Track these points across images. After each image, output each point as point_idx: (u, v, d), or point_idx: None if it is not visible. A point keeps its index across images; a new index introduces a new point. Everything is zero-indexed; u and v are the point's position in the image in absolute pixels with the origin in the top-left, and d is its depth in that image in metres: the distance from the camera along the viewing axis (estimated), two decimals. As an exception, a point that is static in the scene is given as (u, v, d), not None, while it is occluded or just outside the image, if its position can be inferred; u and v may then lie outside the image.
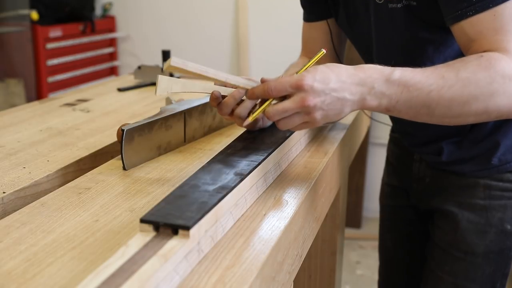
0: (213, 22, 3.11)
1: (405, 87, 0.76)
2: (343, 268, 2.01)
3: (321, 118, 0.75)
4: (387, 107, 0.77)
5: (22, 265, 0.61)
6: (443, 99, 0.77)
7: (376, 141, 2.92)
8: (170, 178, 0.87)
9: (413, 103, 0.77)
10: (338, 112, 0.76)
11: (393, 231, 1.31)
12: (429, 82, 0.77)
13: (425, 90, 0.76)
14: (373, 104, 0.77)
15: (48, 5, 2.86)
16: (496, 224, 1.05)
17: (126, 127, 0.89)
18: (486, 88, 0.77)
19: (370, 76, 0.76)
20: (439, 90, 0.76)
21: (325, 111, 0.75)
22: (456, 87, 0.77)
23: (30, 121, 1.17)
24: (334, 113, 0.76)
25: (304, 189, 0.83)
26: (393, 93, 0.76)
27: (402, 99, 0.76)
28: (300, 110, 0.74)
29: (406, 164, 1.19)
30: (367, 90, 0.76)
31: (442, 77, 0.77)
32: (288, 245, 0.73)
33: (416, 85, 0.76)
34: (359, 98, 0.76)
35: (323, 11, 1.14)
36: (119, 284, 0.49)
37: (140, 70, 1.57)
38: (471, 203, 1.06)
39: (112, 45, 3.31)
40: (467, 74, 0.77)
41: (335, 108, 0.75)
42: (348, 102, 0.76)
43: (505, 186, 1.04)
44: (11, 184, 0.83)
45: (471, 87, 0.77)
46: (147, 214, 0.61)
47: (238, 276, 0.59)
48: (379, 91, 0.76)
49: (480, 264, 1.07)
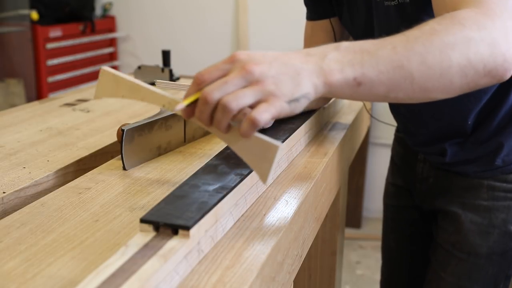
0: (213, 22, 3.11)
1: (362, 51, 0.64)
2: (343, 268, 2.01)
3: (275, 86, 0.59)
4: (356, 77, 0.63)
5: (22, 265, 0.61)
6: (413, 53, 0.64)
7: (376, 141, 2.92)
8: (170, 178, 0.87)
9: (382, 66, 0.63)
10: (295, 81, 0.60)
11: (397, 231, 1.31)
12: (389, 40, 0.66)
13: (389, 47, 0.64)
14: (336, 72, 0.62)
15: (48, 5, 2.87)
16: (499, 225, 1.05)
17: (126, 127, 0.89)
18: (459, 34, 0.66)
19: (317, 48, 0.65)
20: (404, 44, 0.65)
21: (276, 78, 0.60)
22: (422, 38, 0.65)
23: (30, 121, 1.17)
24: (290, 82, 0.60)
25: (304, 189, 0.83)
26: (352, 59, 0.63)
27: (367, 63, 0.63)
28: (243, 81, 0.59)
29: (410, 164, 1.19)
30: (318, 58, 0.63)
31: (403, 34, 0.67)
32: (288, 245, 0.73)
33: (375, 46, 0.64)
34: (313, 66, 0.62)
35: (326, 10, 1.14)
36: (119, 284, 0.49)
37: (140, 70, 1.57)
38: (475, 204, 1.06)
39: (112, 45, 3.31)
40: (432, 26, 0.67)
41: (288, 74, 0.60)
42: (303, 70, 0.61)
43: (509, 187, 1.04)
44: (11, 184, 0.83)
45: (441, 34, 0.66)
46: (147, 214, 0.61)
47: (238, 276, 0.59)
48: (333, 58, 0.63)
49: (483, 265, 1.07)
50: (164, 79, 1.52)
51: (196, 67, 3.38)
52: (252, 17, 3.04)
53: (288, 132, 0.95)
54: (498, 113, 1.00)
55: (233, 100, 0.57)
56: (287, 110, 0.60)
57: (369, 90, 0.65)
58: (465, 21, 0.67)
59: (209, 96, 0.58)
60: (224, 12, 3.08)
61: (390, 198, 1.32)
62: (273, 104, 0.58)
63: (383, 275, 1.38)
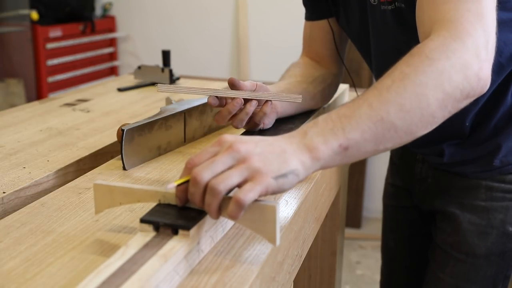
0: (213, 22, 3.11)
1: (339, 118, 0.65)
2: (343, 268, 2.01)
3: (261, 164, 0.59)
4: (341, 144, 0.63)
5: (22, 265, 0.61)
6: (390, 103, 0.65)
7: (376, 141, 2.92)
8: (170, 178, 0.87)
9: (363, 125, 0.64)
10: (280, 158, 0.61)
11: (396, 232, 1.31)
12: (363, 98, 0.66)
13: (365, 105, 0.65)
14: (320, 145, 0.63)
15: (48, 5, 2.87)
16: (497, 226, 1.05)
17: (126, 127, 0.89)
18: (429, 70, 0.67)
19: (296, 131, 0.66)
20: (378, 98, 0.66)
21: (263, 155, 0.60)
22: (394, 85, 0.66)
23: (30, 121, 1.17)
24: (276, 160, 0.60)
25: (304, 189, 0.83)
26: (332, 127, 0.64)
27: (348, 128, 0.64)
28: (230, 160, 0.59)
29: (409, 164, 1.19)
30: (300, 137, 0.64)
31: (375, 87, 0.68)
32: (288, 245, 0.73)
33: (349, 110, 0.65)
34: (297, 145, 0.63)
35: (324, 10, 1.14)
36: (119, 284, 0.49)
37: (140, 70, 1.57)
38: (473, 205, 1.06)
39: (112, 45, 3.31)
40: (401, 69, 0.68)
41: (274, 153, 0.61)
42: (288, 149, 0.62)
43: (507, 187, 1.04)
44: (11, 184, 0.83)
45: (411, 76, 0.67)
46: (147, 214, 0.61)
47: (238, 276, 0.59)
48: (314, 132, 0.64)
49: (481, 266, 1.07)
50: (164, 79, 1.52)
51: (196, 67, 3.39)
52: (252, 17, 3.04)
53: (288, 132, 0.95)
54: (496, 114, 1.00)
55: (220, 182, 0.57)
56: (274, 186, 0.59)
57: (358, 150, 0.65)
58: (434, 53, 0.68)
59: (198, 176, 0.58)
60: (224, 12, 3.08)
61: (389, 199, 1.32)
62: (259, 182, 0.58)
63: (382, 275, 1.38)
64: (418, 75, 0.67)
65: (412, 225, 1.26)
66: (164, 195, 0.64)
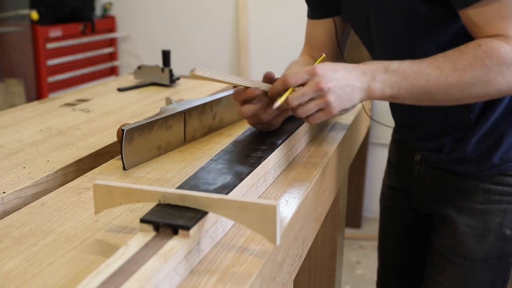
0: (213, 22, 3.11)
1: (403, 76, 0.85)
2: (343, 268, 2.01)
3: (334, 101, 0.82)
4: (391, 95, 0.86)
5: (22, 265, 0.61)
6: (441, 87, 0.85)
7: (376, 141, 2.92)
8: (170, 178, 0.87)
9: (414, 91, 0.85)
10: (349, 97, 0.84)
11: (392, 234, 1.31)
12: (426, 72, 0.85)
13: (423, 79, 0.85)
14: (378, 92, 0.85)
15: (48, 5, 2.86)
16: (495, 229, 1.04)
17: (126, 127, 0.89)
18: (483, 76, 0.84)
19: (371, 67, 0.86)
20: (436, 79, 0.85)
21: (338, 95, 0.83)
22: (452, 77, 0.84)
23: (30, 121, 1.17)
24: (346, 98, 0.84)
25: (304, 189, 0.83)
26: (393, 82, 0.85)
27: (403, 88, 0.85)
28: (315, 94, 0.82)
29: (407, 166, 1.18)
30: (370, 78, 0.85)
31: (439, 68, 0.85)
32: (288, 245, 0.73)
33: (414, 74, 0.85)
34: (364, 85, 0.85)
35: (329, 9, 1.14)
36: (119, 284, 0.49)
37: (140, 70, 1.57)
38: (470, 208, 1.05)
39: (112, 45, 3.31)
40: (463, 65, 0.84)
41: (346, 93, 0.83)
42: (357, 89, 0.84)
43: (505, 190, 1.03)
44: (11, 184, 0.83)
45: (467, 77, 0.84)
46: (147, 214, 0.61)
47: (238, 276, 0.59)
48: (380, 79, 0.85)
49: (478, 270, 1.06)
50: (164, 79, 1.52)
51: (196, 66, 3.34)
52: (252, 17, 3.04)
53: (288, 132, 0.95)
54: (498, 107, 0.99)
55: (303, 112, 0.84)
56: (336, 115, 0.88)
57: (400, 101, 0.88)
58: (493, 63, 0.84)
59: (291, 102, 0.83)
60: (224, 12, 3.08)
61: (386, 200, 1.31)
62: (327, 114, 0.84)
63: (378, 276, 1.38)
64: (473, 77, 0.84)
65: (408, 227, 1.25)
66: (164, 195, 0.64)
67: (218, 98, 1.11)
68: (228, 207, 0.61)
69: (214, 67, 3.22)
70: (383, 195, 1.33)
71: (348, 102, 0.84)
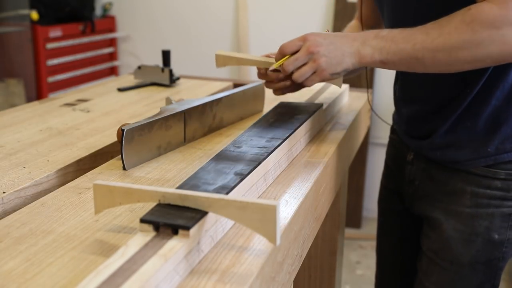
0: (214, 22, 3.11)
1: (392, 41, 0.89)
2: (343, 268, 2.01)
3: (325, 64, 0.90)
4: (381, 59, 0.91)
5: (22, 265, 0.61)
6: (428, 51, 0.87)
7: (376, 141, 2.92)
8: (170, 178, 0.87)
9: (402, 55, 0.89)
10: (339, 60, 0.91)
11: (389, 235, 1.30)
12: (413, 36, 0.88)
13: (410, 43, 0.88)
14: (367, 56, 0.91)
15: (48, 5, 2.86)
16: (482, 233, 1.02)
17: (126, 127, 0.89)
18: (470, 39, 0.84)
19: (362, 34, 0.92)
20: (422, 43, 0.87)
21: (328, 58, 0.90)
22: (438, 40, 0.86)
23: (30, 121, 1.17)
24: (336, 61, 0.91)
25: (304, 189, 0.83)
26: (382, 47, 0.90)
27: (391, 52, 0.89)
28: (307, 58, 0.90)
29: (400, 166, 1.18)
30: (360, 44, 0.91)
31: (427, 33, 0.88)
32: (288, 245, 0.73)
33: (402, 39, 0.89)
34: (354, 50, 0.91)
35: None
36: (119, 284, 0.49)
37: (140, 70, 1.57)
38: (458, 211, 1.04)
39: (112, 45, 3.31)
40: (450, 28, 0.86)
41: (336, 56, 0.90)
42: (346, 53, 0.91)
43: (493, 193, 1.01)
44: (11, 184, 0.83)
45: (452, 39, 0.85)
46: (147, 214, 0.61)
47: (238, 276, 0.59)
48: (369, 45, 0.90)
49: (466, 275, 1.04)
50: (164, 79, 1.52)
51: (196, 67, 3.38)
52: (252, 17, 3.04)
53: (288, 132, 0.95)
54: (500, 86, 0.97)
55: (299, 77, 0.93)
56: (328, 78, 0.94)
57: (392, 67, 0.93)
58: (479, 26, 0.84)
59: (286, 68, 0.93)
60: (224, 12, 3.08)
61: (383, 201, 1.31)
62: (320, 76, 0.92)
63: (376, 277, 1.37)
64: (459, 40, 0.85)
65: (404, 229, 1.24)
66: (164, 195, 0.64)
67: (218, 98, 1.11)
68: (228, 207, 0.61)
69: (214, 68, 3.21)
70: (380, 197, 1.33)
71: (339, 65, 0.91)
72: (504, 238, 1.02)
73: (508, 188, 1.01)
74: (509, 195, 1.01)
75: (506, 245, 1.03)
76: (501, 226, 1.02)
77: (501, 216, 1.01)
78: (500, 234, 1.02)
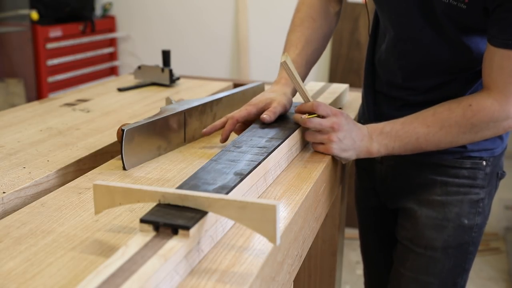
0: (213, 22, 3.11)
1: (396, 137, 0.99)
2: (343, 268, 2.01)
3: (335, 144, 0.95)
4: (387, 153, 1.00)
5: (22, 265, 0.61)
6: (430, 142, 0.99)
7: (376, 141, 2.92)
8: (170, 178, 0.87)
9: (407, 148, 1.00)
10: (347, 148, 0.97)
11: (370, 233, 1.35)
12: (415, 131, 0.98)
13: (413, 138, 0.99)
14: (374, 152, 0.99)
15: (48, 5, 2.86)
16: (453, 219, 1.09)
17: (126, 127, 0.89)
18: (469, 131, 0.97)
19: (370, 130, 0.99)
20: (425, 136, 0.98)
21: (340, 141, 0.95)
22: (440, 134, 0.97)
23: (30, 121, 1.17)
24: (345, 147, 0.96)
25: (304, 189, 0.83)
26: (387, 143, 0.99)
27: (397, 146, 1.00)
28: (327, 130, 0.94)
29: (371, 164, 1.22)
30: (367, 140, 0.99)
31: (427, 126, 0.98)
32: (288, 245, 0.73)
33: (405, 134, 0.99)
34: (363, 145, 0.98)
35: None
36: (119, 284, 0.49)
37: (140, 70, 1.57)
38: (429, 200, 1.11)
39: (112, 45, 3.31)
40: (450, 124, 0.96)
41: (347, 144, 0.96)
42: (356, 146, 0.97)
43: (461, 182, 1.09)
44: (11, 184, 0.83)
45: (453, 132, 0.97)
46: (147, 214, 0.61)
47: (238, 276, 0.59)
48: (376, 140, 0.99)
49: (439, 258, 1.11)
50: (164, 79, 1.52)
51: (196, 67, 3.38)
52: (252, 18, 3.04)
53: (288, 132, 0.95)
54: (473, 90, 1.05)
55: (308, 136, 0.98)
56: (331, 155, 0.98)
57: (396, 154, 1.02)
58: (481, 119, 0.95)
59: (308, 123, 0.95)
60: (224, 12, 3.08)
61: (360, 201, 1.36)
62: (325, 150, 0.97)
63: (365, 274, 1.42)
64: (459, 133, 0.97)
65: (383, 224, 1.29)
66: (164, 195, 0.64)
67: (218, 98, 1.11)
68: (228, 207, 0.61)
69: (214, 68, 3.23)
70: (356, 199, 1.39)
71: (344, 152, 0.97)
72: (473, 223, 1.10)
73: (475, 176, 1.09)
74: (475, 183, 1.10)
75: (475, 229, 1.11)
76: (470, 212, 1.10)
77: (470, 202, 1.10)
78: (469, 220, 1.10)
